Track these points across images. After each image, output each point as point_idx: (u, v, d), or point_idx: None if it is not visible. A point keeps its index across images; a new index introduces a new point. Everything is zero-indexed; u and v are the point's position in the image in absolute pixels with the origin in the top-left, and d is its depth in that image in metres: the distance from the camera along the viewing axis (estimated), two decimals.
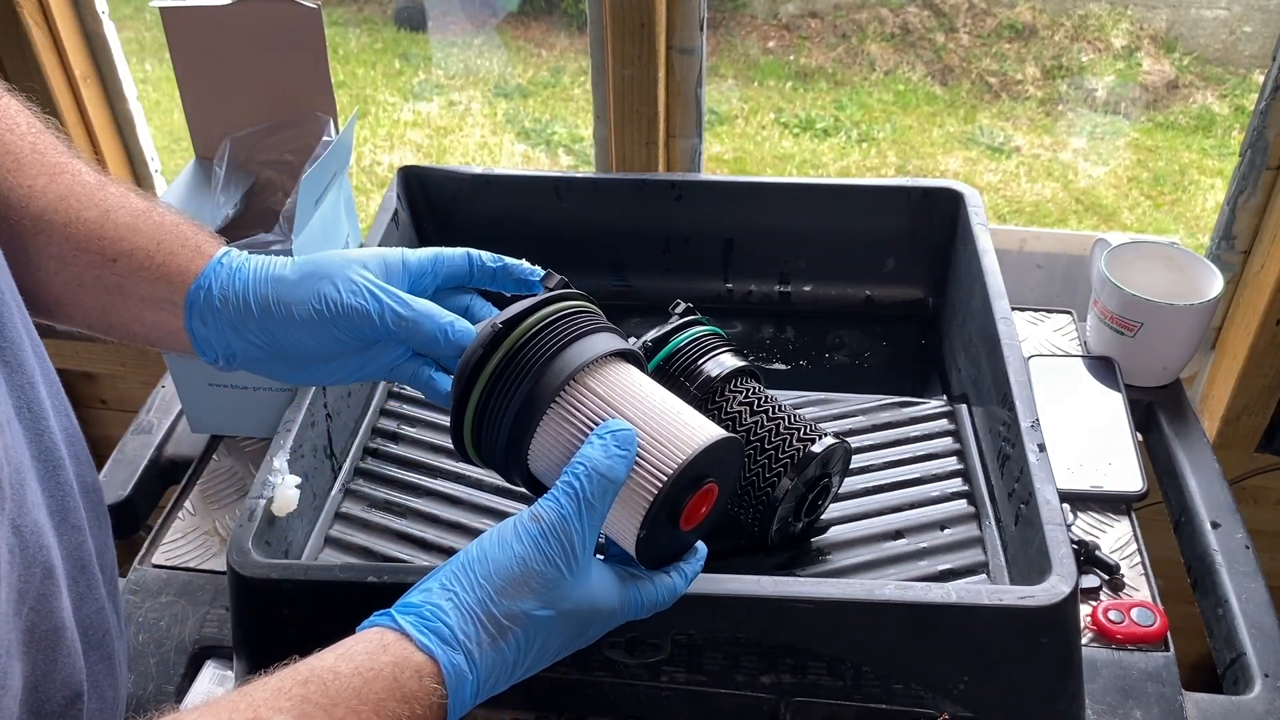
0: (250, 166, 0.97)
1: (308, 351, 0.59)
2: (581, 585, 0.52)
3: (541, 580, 0.51)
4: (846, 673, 0.68)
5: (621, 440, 0.53)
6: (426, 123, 3.19)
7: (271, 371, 0.61)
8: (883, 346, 0.99)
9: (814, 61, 3.22)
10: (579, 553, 0.52)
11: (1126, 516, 0.86)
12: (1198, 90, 2.98)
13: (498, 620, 0.50)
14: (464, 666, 0.50)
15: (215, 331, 0.59)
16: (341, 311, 0.58)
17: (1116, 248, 1.01)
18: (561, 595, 0.52)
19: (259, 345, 0.59)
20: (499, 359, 0.56)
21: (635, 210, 1.00)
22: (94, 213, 0.59)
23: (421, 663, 0.49)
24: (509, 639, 0.51)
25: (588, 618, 0.53)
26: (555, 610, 0.52)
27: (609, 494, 0.52)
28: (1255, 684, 0.74)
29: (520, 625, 0.51)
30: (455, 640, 0.50)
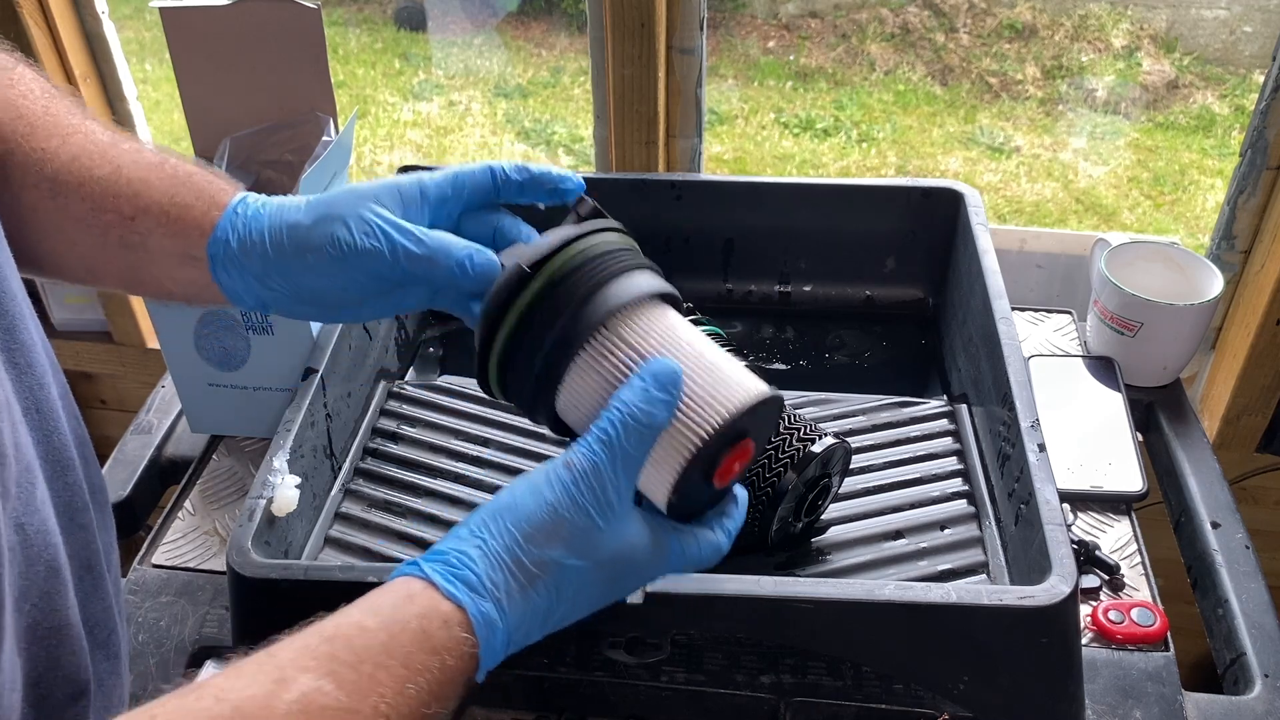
0: (250, 166, 0.97)
1: (332, 296, 0.57)
2: (616, 535, 0.50)
3: (573, 529, 0.49)
4: (846, 673, 0.68)
5: (664, 382, 0.49)
6: (426, 122, 3.20)
7: (307, 315, 0.59)
8: (883, 346, 0.99)
9: (814, 61, 3.22)
10: (614, 501, 0.49)
11: (1126, 516, 0.86)
12: (1198, 90, 2.98)
13: (526, 568, 0.48)
14: (493, 614, 0.47)
15: (242, 282, 0.57)
16: (356, 253, 0.55)
17: (1116, 248, 1.01)
18: (594, 545, 0.49)
19: (285, 294, 0.57)
20: (525, 303, 0.52)
21: (635, 210, 1.00)
22: (106, 170, 0.58)
23: (449, 611, 0.47)
24: (539, 587, 0.48)
25: (623, 569, 0.51)
26: (589, 560, 0.49)
27: (647, 441, 0.49)
28: (1255, 684, 0.74)
29: (550, 574, 0.49)
30: (483, 588, 0.48)
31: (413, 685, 0.45)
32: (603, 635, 0.67)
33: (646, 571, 0.52)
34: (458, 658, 0.46)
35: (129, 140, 0.60)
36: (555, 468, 0.50)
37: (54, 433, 0.53)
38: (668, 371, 0.50)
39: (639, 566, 0.51)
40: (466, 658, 0.47)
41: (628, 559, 0.50)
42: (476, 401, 0.90)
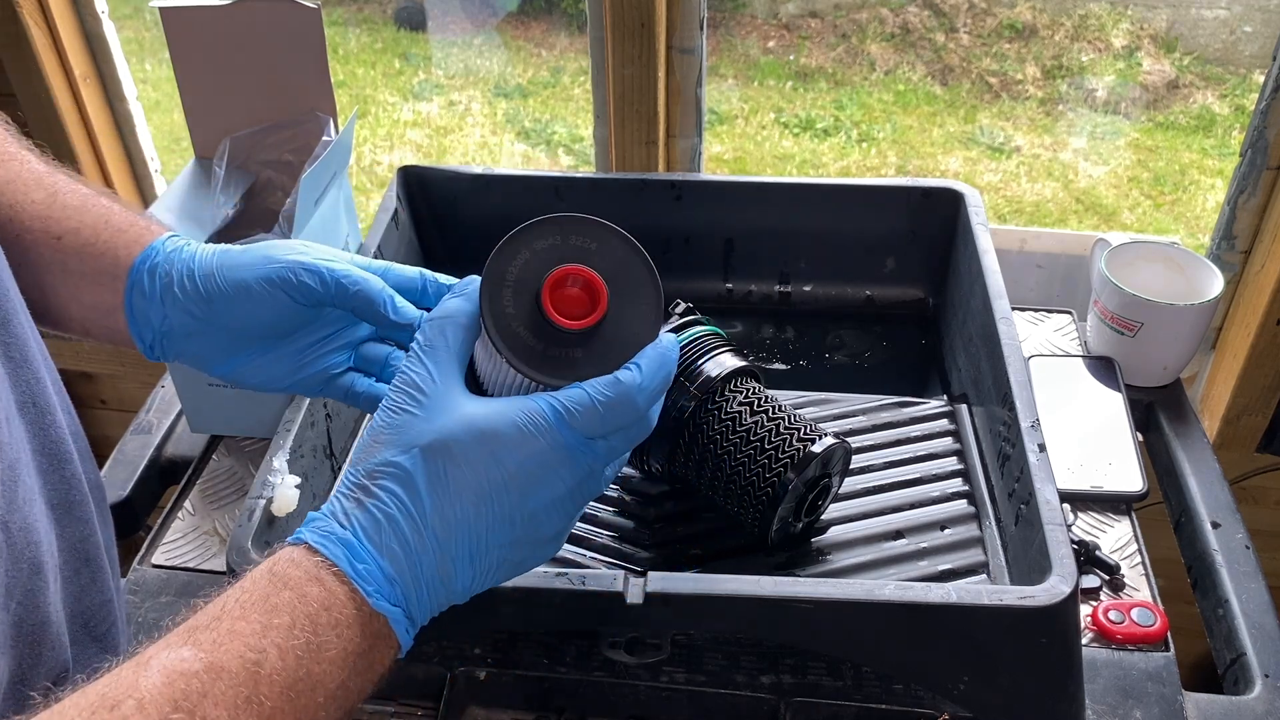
0: (250, 166, 0.97)
1: (244, 322, 0.57)
2: (442, 414, 0.47)
3: (390, 430, 0.47)
4: (846, 673, 0.68)
5: (457, 286, 0.51)
6: (426, 122, 3.20)
7: (201, 353, 0.58)
8: (883, 346, 0.99)
9: (814, 61, 3.22)
10: (427, 389, 0.48)
11: (1127, 516, 0.86)
12: (1198, 90, 2.98)
13: (358, 483, 0.47)
14: (337, 531, 0.46)
15: (153, 303, 0.57)
16: (287, 267, 0.56)
17: (1117, 248, 1.01)
18: (416, 433, 0.47)
19: (195, 316, 0.57)
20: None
21: (635, 210, 1.00)
22: (41, 194, 0.59)
23: (291, 550, 0.46)
24: (376, 494, 0.46)
25: (484, 446, 0.47)
26: (418, 447, 0.46)
27: (446, 327, 0.49)
28: (1255, 684, 0.74)
29: (382, 476, 0.46)
30: (320, 517, 0.47)
31: (276, 622, 0.43)
32: (603, 635, 0.67)
33: (530, 440, 0.47)
34: (319, 584, 0.44)
35: (64, 172, 0.61)
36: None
37: (50, 426, 0.53)
38: (464, 280, 0.51)
39: (508, 437, 0.47)
40: (331, 581, 0.45)
41: (478, 429, 0.47)
42: None
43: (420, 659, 0.71)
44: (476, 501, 0.47)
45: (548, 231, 0.51)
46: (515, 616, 0.65)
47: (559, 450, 0.48)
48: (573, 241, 0.51)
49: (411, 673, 0.71)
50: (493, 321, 0.49)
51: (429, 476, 0.46)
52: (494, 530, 0.47)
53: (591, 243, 0.51)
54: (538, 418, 0.47)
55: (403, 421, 0.47)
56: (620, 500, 0.80)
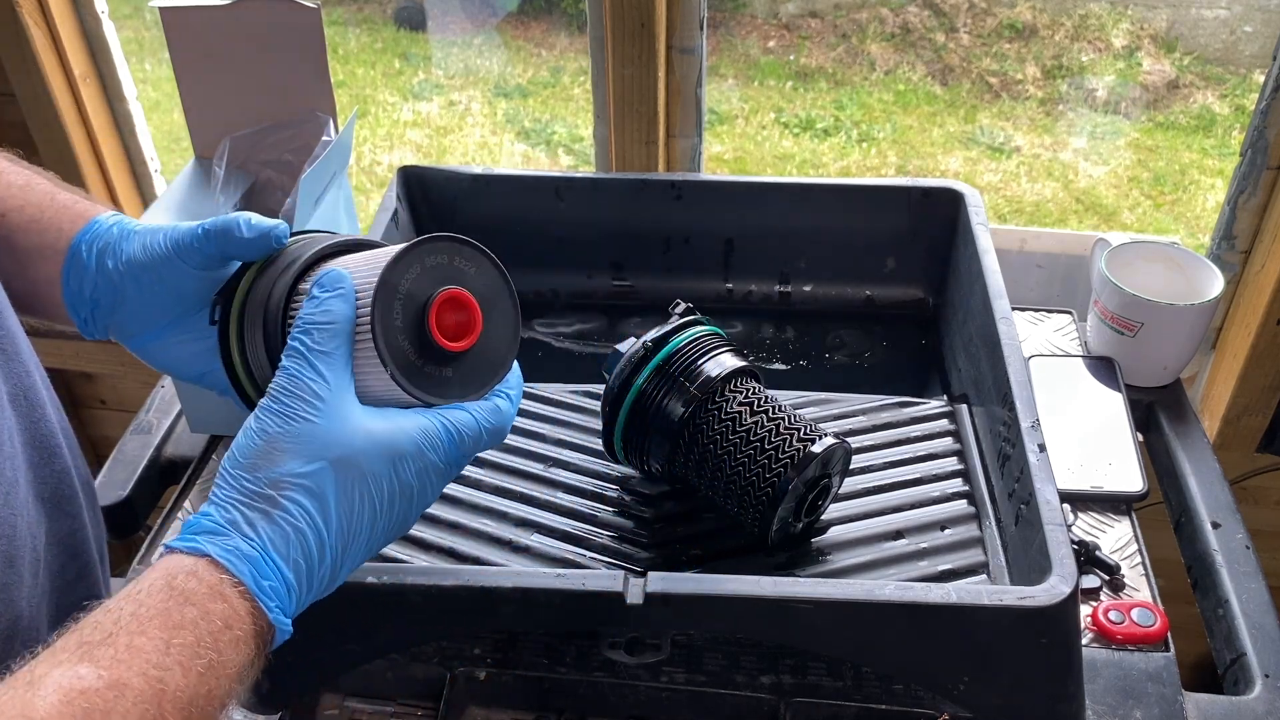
0: (250, 166, 0.97)
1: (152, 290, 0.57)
2: (345, 426, 0.48)
3: (291, 439, 0.47)
4: (846, 673, 0.68)
5: (327, 283, 0.50)
6: (426, 122, 3.20)
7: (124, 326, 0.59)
8: (883, 346, 0.99)
9: (814, 61, 3.22)
10: (323, 395, 0.48)
11: (1127, 517, 0.86)
12: (1198, 90, 2.98)
13: (261, 493, 0.46)
14: (240, 546, 0.45)
15: (86, 273, 0.57)
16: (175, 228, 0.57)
17: (1117, 248, 1.01)
18: (322, 444, 0.47)
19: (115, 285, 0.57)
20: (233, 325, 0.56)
21: (635, 210, 1.00)
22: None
23: (192, 563, 0.45)
24: (285, 506, 0.46)
25: (385, 459, 0.49)
26: (325, 460, 0.47)
27: (338, 334, 0.49)
28: (1256, 684, 0.74)
29: (291, 488, 0.47)
30: (220, 528, 0.46)
31: (179, 639, 0.42)
32: (603, 635, 0.67)
33: (424, 456, 0.50)
34: (223, 600, 0.44)
35: (5, 155, 0.62)
36: (260, 401, 0.49)
37: (41, 420, 0.54)
38: (328, 274, 0.51)
39: (407, 451, 0.49)
40: (235, 598, 0.45)
41: (381, 443, 0.49)
42: None
43: (420, 659, 0.71)
44: (374, 513, 0.49)
45: (439, 250, 0.52)
46: (515, 616, 0.65)
47: (446, 464, 0.51)
48: (456, 263, 0.53)
49: (411, 673, 0.71)
50: (382, 334, 0.50)
51: (338, 490, 0.47)
52: (381, 535, 0.50)
53: (471, 266, 0.54)
54: (434, 437, 0.50)
55: (304, 430, 0.47)
56: (620, 500, 0.80)
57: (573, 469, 0.83)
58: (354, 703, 0.71)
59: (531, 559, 0.75)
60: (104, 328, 0.59)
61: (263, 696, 0.70)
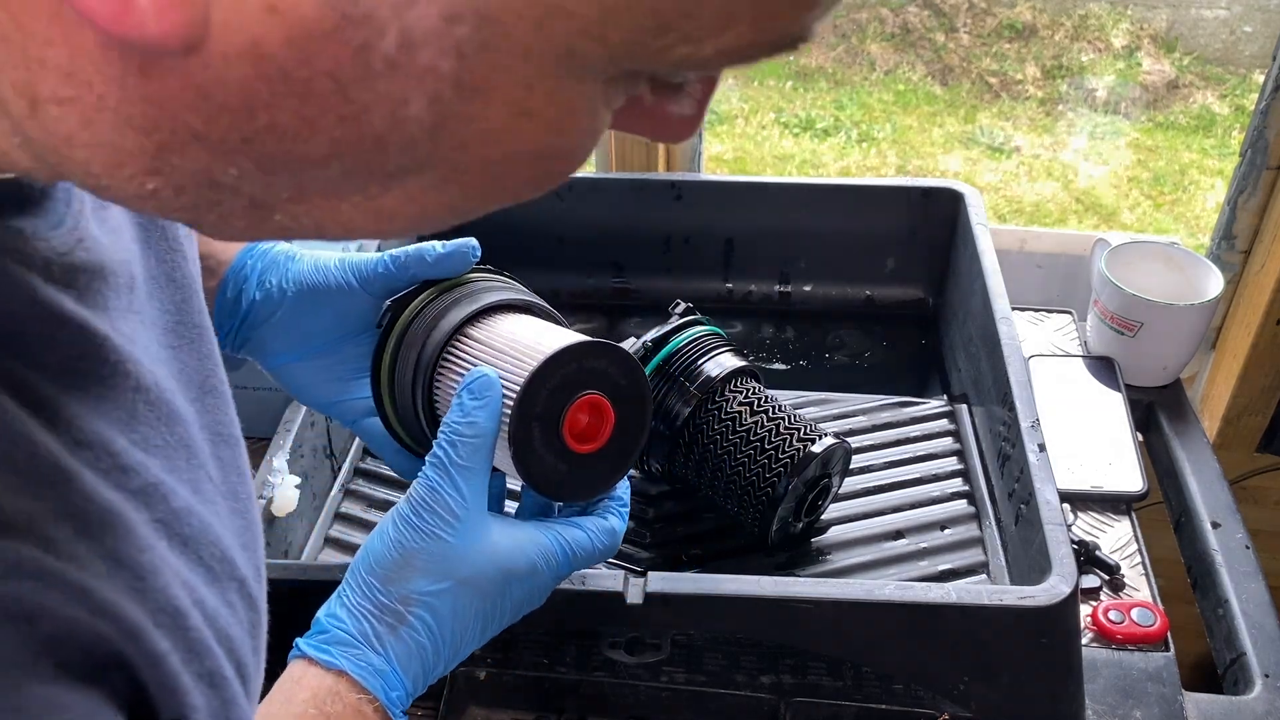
0: None
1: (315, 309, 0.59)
2: (474, 547, 0.50)
3: (425, 556, 0.50)
4: (846, 673, 0.68)
5: (477, 389, 0.51)
6: None
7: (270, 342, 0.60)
8: (883, 346, 0.99)
9: (814, 61, 3.22)
10: (460, 514, 0.50)
11: (1127, 516, 0.86)
12: (1198, 90, 2.98)
13: (391, 608, 0.49)
14: (376, 663, 0.49)
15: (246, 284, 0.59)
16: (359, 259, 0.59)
17: (1117, 248, 1.01)
18: (452, 564, 0.50)
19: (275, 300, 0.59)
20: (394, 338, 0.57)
21: (635, 210, 1.00)
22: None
23: (334, 682, 0.48)
24: (412, 622, 0.49)
25: (503, 579, 0.51)
26: (452, 580, 0.50)
27: (481, 448, 0.51)
28: (1255, 684, 0.74)
29: (417, 605, 0.49)
30: (358, 642, 0.49)
31: None
32: (603, 635, 0.67)
33: (533, 576, 0.53)
34: (361, 715, 0.48)
35: None
36: (399, 506, 0.51)
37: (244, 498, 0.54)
38: (479, 379, 0.51)
39: (523, 572, 0.52)
40: (371, 714, 0.48)
41: (503, 566, 0.51)
42: None
43: None
44: (484, 623, 0.52)
45: (598, 354, 0.53)
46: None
47: (555, 579, 0.54)
48: (608, 369, 0.54)
49: None
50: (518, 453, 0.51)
51: (456, 606, 0.50)
52: (486, 637, 0.53)
53: (621, 376, 0.55)
54: (551, 556, 0.53)
55: (439, 550, 0.50)
56: None
57: None
58: None
59: None
60: (243, 342, 0.60)
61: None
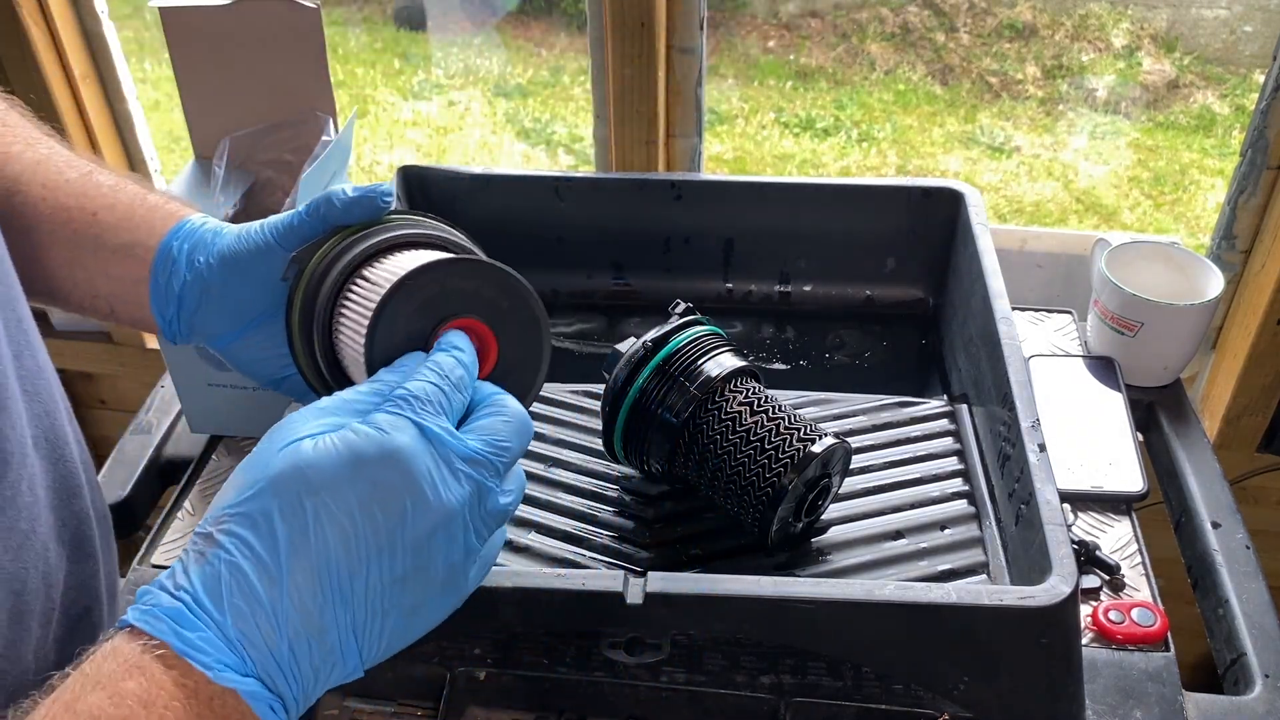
0: (250, 166, 0.97)
1: (251, 282, 0.56)
2: (292, 441, 0.41)
3: (242, 466, 0.41)
4: (846, 673, 0.68)
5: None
6: (426, 122, 3.19)
7: (210, 324, 0.58)
8: (883, 346, 0.99)
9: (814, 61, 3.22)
10: (286, 419, 0.42)
11: (1127, 516, 0.86)
12: (1198, 90, 2.98)
13: (201, 534, 0.40)
14: (163, 600, 0.38)
15: (177, 267, 0.56)
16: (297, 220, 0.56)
17: (1117, 247, 1.01)
18: (264, 463, 0.40)
19: (208, 280, 0.56)
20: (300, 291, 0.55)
21: (635, 210, 1.00)
22: (75, 174, 0.59)
23: (114, 639, 0.38)
24: (219, 541, 0.39)
25: (341, 464, 0.40)
26: (264, 479, 0.40)
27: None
28: (1256, 684, 0.74)
29: (229, 520, 0.39)
30: (150, 589, 0.39)
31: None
32: (603, 635, 0.67)
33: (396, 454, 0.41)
34: (140, 674, 0.36)
35: (91, 157, 0.62)
36: None
37: (64, 459, 0.52)
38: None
39: (363, 448, 0.41)
40: (155, 669, 0.37)
41: (338, 450, 0.40)
42: None
43: (420, 659, 0.71)
44: (346, 537, 0.40)
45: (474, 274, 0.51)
46: (515, 616, 0.65)
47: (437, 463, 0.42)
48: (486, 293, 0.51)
49: (411, 673, 0.71)
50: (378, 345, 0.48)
51: (281, 512, 0.39)
52: (369, 565, 0.40)
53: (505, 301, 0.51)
54: (396, 421, 0.42)
55: (254, 457, 0.41)
56: (620, 500, 0.80)
57: (573, 469, 0.83)
58: (354, 703, 0.71)
59: (531, 559, 0.75)
60: (188, 328, 0.58)
61: None
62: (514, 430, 0.45)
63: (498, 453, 0.44)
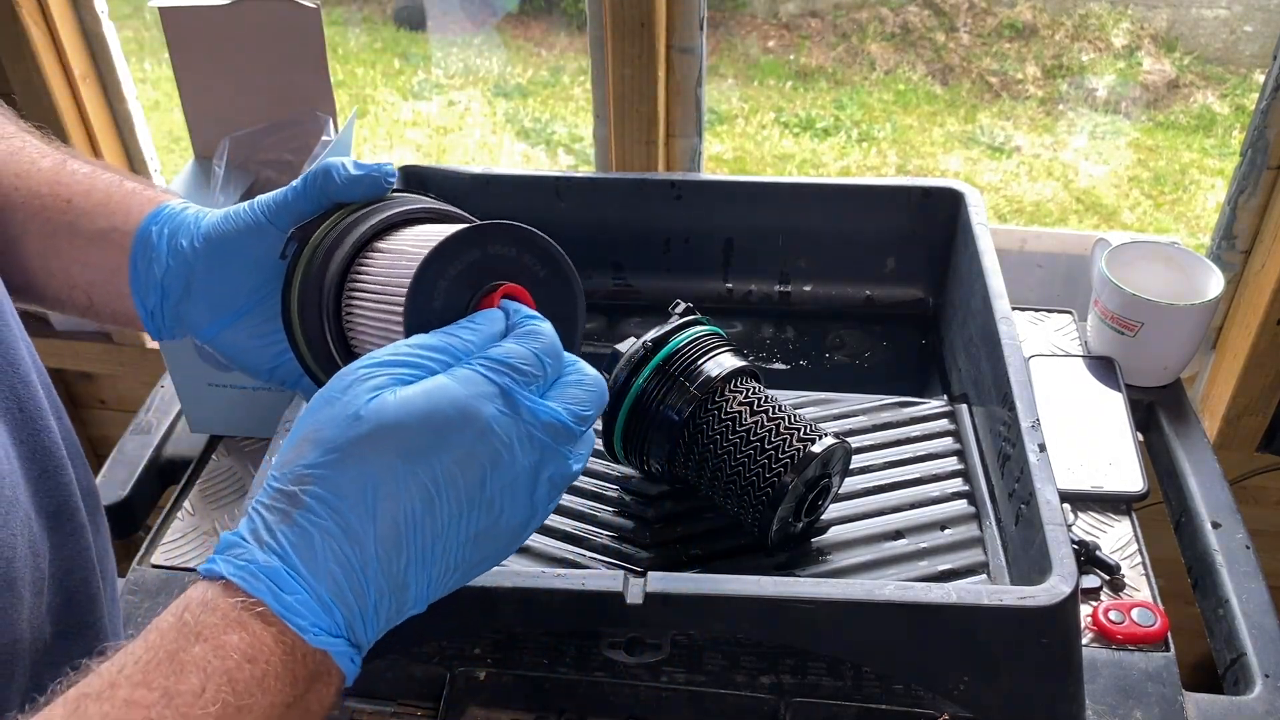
0: (250, 166, 0.96)
1: (238, 265, 0.54)
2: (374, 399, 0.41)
3: (318, 423, 0.41)
4: (846, 673, 0.68)
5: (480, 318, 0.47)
6: (426, 122, 3.20)
7: (194, 314, 0.56)
8: (883, 346, 0.99)
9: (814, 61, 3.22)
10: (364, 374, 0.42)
11: (1127, 516, 0.86)
12: (1198, 90, 2.98)
13: (283, 492, 0.40)
14: (259, 558, 0.39)
15: (158, 253, 0.55)
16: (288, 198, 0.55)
17: (1117, 247, 1.01)
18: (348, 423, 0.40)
19: (192, 266, 0.54)
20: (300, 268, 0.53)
21: (635, 210, 1.00)
22: (49, 163, 0.58)
23: (204, 589, 0.39)
24: (306, 503, 0.39)
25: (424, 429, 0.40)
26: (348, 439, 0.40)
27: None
28: (1256, 684, 0.74)
29: (312, 482, 0.39)
30: (239, 541, 0.40)
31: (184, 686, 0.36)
32: (603, 635, 0.67)
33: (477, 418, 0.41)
34: (242, 628, 0.37)
35: (67, 148, 0.61)
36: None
37: (41, 431, 0.52)
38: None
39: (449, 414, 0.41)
40: (255, 625, 0.38)
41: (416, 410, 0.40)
42: None
43: (420, 659, 0.71)
44: (426, 497, 0.41)
45: (509, 239, 0.50)
46: (515, 616, 0.65)
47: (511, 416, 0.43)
48: (524, 259, 0.51)
49: (411, 673, 0.71)
50: (414, 312, 0.47)
51: (365, 475, 0.40)
52: (450, 527, 0.41)
53: (541, 269, 0.52)
54: (479, 386, 0.42)
55: (332, 413, 0.41)
56: (620, 500, 0.80)
57: None
58: (354, 703, 0.71)
59: (531, 559, 0.75)
60: (173, 320, 0.56)
61: None
62: (595, 399, 0.47)
63: (578, 421, 0.45)
